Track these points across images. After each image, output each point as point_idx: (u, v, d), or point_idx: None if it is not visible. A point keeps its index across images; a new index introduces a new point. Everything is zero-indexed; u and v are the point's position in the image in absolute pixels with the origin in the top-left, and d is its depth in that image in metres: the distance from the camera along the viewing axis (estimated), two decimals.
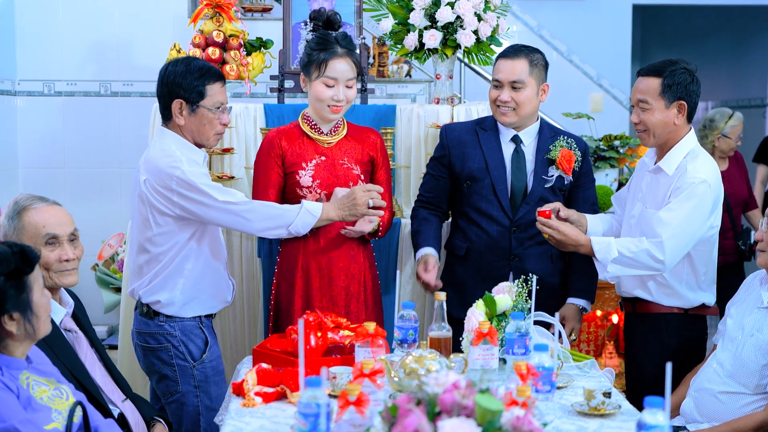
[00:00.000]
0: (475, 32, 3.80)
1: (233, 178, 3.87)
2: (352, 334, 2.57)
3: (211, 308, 3.04)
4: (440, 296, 2.60)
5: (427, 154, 3.77)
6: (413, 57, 3.94)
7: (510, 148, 3.28)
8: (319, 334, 2.56)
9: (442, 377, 1.71)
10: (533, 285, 2.68)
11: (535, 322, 2.75)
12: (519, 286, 2.73)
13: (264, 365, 2.51)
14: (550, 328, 2.86)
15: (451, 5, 3.76)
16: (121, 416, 2.57)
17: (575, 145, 3.27)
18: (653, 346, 3.13)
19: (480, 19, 3.81)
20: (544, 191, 3.24)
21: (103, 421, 2.35)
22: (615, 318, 4.54)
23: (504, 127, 3.28)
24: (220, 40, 3.85)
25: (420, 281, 3.26)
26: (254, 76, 4.00)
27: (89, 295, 4.24)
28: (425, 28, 3.82)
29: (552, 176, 3.25)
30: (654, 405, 1.75)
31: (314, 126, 3.17)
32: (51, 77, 4.83)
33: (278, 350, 2.66)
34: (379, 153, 3.25)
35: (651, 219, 3.00)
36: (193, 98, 2.90)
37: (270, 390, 2.42)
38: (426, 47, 3.83)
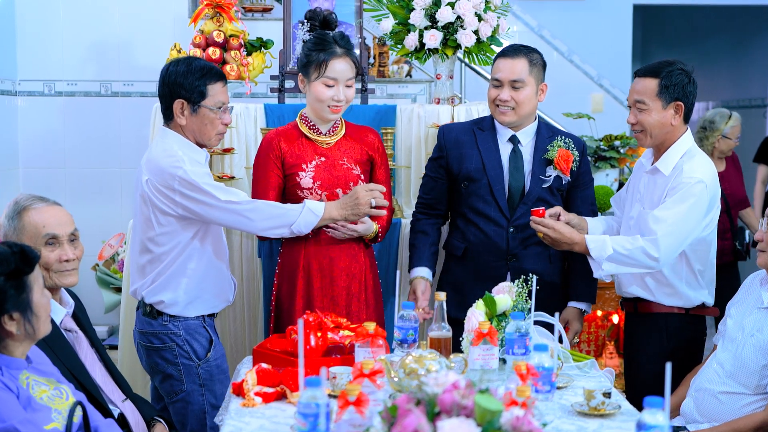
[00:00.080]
0: (476, 32, 3.80)
1: (233, 178, 3.86)
2: (352, 334, 2.56)
3: (214, 307, 3.04)
4: (440, 296, 2.60)
5: (428, 154, 3.76)
6: (414, 57, 3.94)
7: (508, 148, 3.27)
8: (319, 334, 2.56)
9: (442, 377, 1.71)
10: (533, 285, 2.68)
11: (536, 323, 2.75)
12: (519, 287, 2.73)
13: (264, 365, 2.50)
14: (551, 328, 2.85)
15: (452, 5, 3.77)
16: (121, 416, 2.57)
17: (573, 145, 3.27)
18: (653, 346, 3.13)
19: (480, 19, 3.81)
20: (541, 191, 3.23)
21: (103, 421, 2.35)
22: (615, 318, 4.54)
23: (502, 128, 3.28)
24: (220, 40, 3.85)
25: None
26: (254, 76, 4.00)
27: (89, 295, 4.24)
28: (426, 28, 3.82)
29: (550, 176, 3.24)
30: (653, 405, 1.75)
31: (312, 127, 3.17)
32: (51, 77, 4.83)
33: (278, 350, 2.66)
34: (378, 152, 3.24)
35: (646, 217, 3.01)
36: (195, 98, 2.90)
37: (270, 390, 2.41)
38: (426, 47, 3.84)
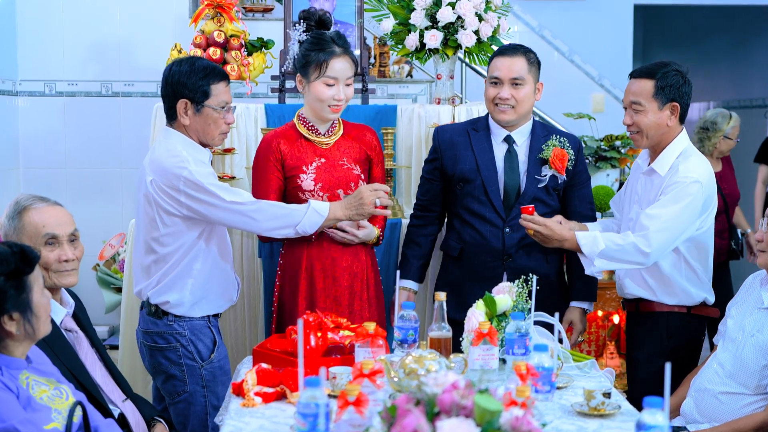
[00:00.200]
0: (476, 32, 3.80)
1: (234, 178, 3.87)
2: (352, 334, 2.56)
3: (219, 308, 3.04)
4: (440, 296, 2.59)
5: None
6: (414, 57, 3.94)
7: (502, 148, 3.27)
8: (319, 334, 2.55)
9: (442, 377, 1.71)
10: (533, 285, 2.68)
11: (536, 322, 2.75)
12: (519, 287, 2.73)
13: (264, 365, 2.50)
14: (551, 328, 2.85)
15: (452, 5, 3.77)
16: (121, 416, 2.57)
17: (568, 144, 3.26)
18: (654, 346, 3.13)
19: (481, 19, 3.81)
20: (537, 191, 3.23)
21: (103, 421, 2.35)
22: (616, 318, 4.54)
23: (496, 128, 3.27)
24: (221, 40, 3.85)
25: None
26: (255, 77, 4.00)
27: (90, 296, 4.25)
28: (426, 28, 3.82)
29: (545, 176, 3.23)
30: (653, 405, 1.75)
31: (311, 127, 3.16)
32: (52, 77, 4.83)
33: (278, 350, 2.66)
34: (375, 151, 3.24)
35: (640, 215, 3.01)
36: (198, 98, 2.89)
37: (270, 390, 2.41)
38: (427, 47, 3.84)
